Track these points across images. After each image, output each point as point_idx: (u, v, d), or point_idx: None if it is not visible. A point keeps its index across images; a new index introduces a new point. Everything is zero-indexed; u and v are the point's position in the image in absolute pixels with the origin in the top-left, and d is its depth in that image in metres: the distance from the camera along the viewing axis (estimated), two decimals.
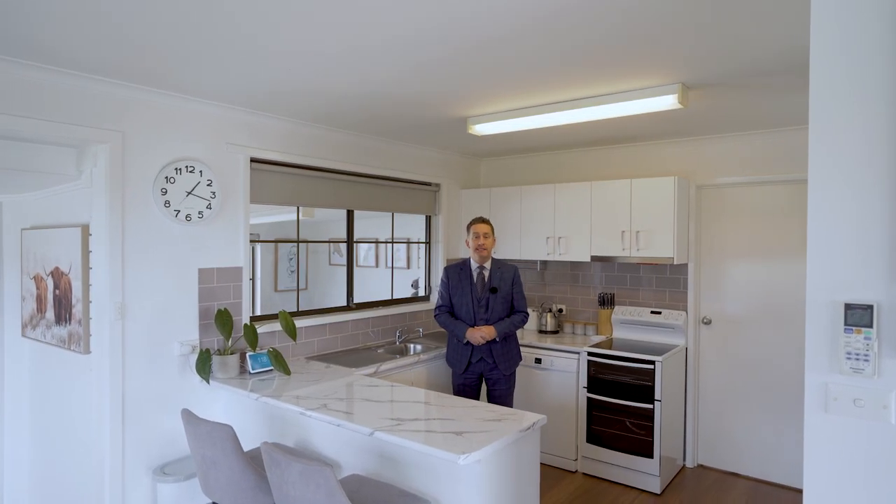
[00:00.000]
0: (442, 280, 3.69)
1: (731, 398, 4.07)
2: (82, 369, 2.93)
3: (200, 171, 3.06)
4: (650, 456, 3.73)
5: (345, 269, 4.29)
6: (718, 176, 4.06)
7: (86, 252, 2.89)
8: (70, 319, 3.01)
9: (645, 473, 3.76)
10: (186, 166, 3.00)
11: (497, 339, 3.49)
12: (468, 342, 3.50)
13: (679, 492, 3.77)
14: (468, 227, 3.63)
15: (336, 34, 2.11)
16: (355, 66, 2.49)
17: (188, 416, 2.36)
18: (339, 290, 5.54)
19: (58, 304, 3.12)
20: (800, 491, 3.77)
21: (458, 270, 3.64)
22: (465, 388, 3.58)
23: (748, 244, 4.01)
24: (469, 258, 3.64)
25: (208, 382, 2.94)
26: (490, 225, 3.61)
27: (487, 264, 3.61)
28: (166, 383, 2.97)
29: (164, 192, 2.91)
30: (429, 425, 2.34)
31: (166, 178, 2.92)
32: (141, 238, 2.86)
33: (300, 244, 3.98)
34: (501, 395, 3.56)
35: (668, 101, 2.78)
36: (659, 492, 3.71)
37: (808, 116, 3.35)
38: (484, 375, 3.58)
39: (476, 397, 3.61)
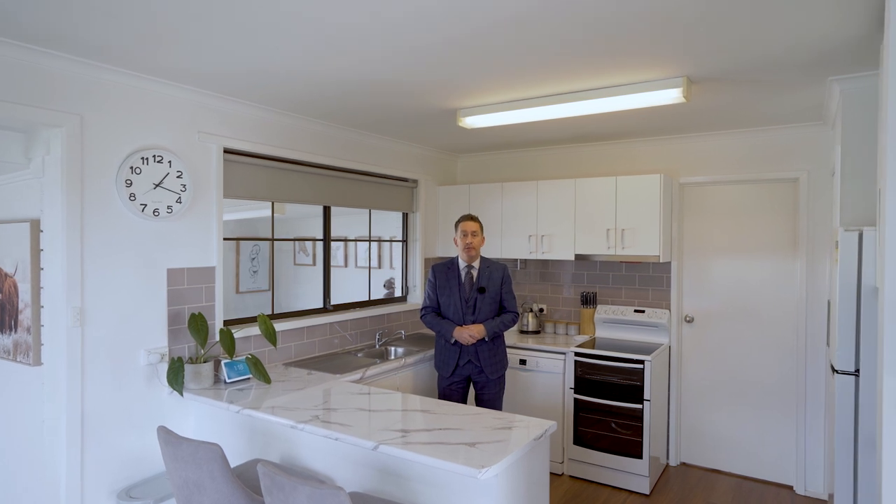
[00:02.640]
0: (429, 280, 3.51)
1: (712, 395, 4.08)
2: (32, 382, 2.59)
3: (169, 162, 2.77)
4: (639, 456, 3.67)
5: (310, 269, 4.04)
6: (701, 174, 4.05)
7: (36, 250, 2.55)
8: (16, 327, 2.66)
9: (633, 474, 3.70)
10: (154, 156, 2.70)
11: (487, 339, 3.35)
12: (456, 342, 3.34)
13: (667, 491, 3.73)
14: (456, 225, 3.47)
15: (338, 8, 1.90)
16: (351, 46, 2.28)
17: (166, 434, 2.10)
18: (304, 290, 5.26)
19: (0, 310, 2.76)
20: (783, 486, 3.81)
21: (445, 269, 3.48)
22: (452, 392, 3.42)
23: (729, 242, 4.03)
24: (457, 257, 3.49)
25: (182, 395, 2.65)
26: (479, 222, 3.47)
27: (476, 263, 3.47)
28: (131, 396, 2.66)
29: (129, 184, 2.61)
30: (437, 436, 2.16)
31: (131, 168, 2.62)
32: (102, 235, 2.54)
33: (273, 242, 3.71)
34: (491, 399, 3.42)
35: (671, 95, 2.71)
36: (648, 492, 3.67)
37: (797, 115, 3.42)
38: (472, 379, 3.44)
39: (463, 402, 3.45)
